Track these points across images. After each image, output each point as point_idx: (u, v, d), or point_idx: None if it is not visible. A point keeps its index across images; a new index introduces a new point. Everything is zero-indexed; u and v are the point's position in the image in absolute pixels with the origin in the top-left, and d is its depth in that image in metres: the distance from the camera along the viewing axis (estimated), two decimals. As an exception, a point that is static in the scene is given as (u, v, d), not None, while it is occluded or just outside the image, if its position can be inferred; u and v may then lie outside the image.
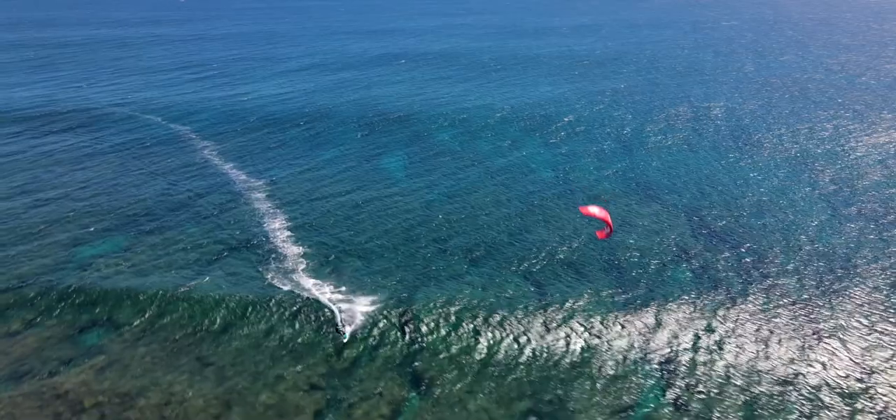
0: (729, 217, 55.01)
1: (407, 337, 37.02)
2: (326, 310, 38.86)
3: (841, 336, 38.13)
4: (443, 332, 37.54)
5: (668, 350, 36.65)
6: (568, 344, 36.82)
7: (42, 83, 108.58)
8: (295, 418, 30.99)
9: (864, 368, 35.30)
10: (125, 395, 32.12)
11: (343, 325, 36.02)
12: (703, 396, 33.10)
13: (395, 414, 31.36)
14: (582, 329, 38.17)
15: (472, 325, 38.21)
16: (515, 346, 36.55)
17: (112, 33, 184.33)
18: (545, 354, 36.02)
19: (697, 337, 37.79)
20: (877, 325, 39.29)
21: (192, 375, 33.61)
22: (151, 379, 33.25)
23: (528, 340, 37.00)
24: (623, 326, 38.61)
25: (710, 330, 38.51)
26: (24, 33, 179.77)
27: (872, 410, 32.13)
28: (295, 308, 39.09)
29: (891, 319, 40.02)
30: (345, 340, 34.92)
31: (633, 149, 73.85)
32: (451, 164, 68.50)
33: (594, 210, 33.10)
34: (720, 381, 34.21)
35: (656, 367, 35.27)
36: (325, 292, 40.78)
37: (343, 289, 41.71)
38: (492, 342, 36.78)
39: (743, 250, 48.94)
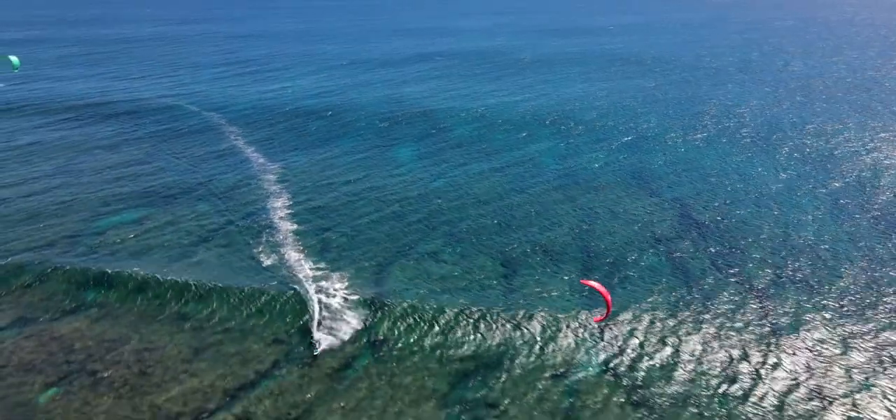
0: (721, 211, 55.04)
1: (373, 303, 39.37)
2: (303, 288, 41.67)
3: (800, 329, 38.23)
4: (408, 301, 39.65)
5: (622, 329, 37.69)
6: (525, 318, 38.29)
7: (97, 76, 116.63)
8: (255, 364, 33.91)
9: (814, 362, 35.50)
10: (111, 341, 35.78)
11: (318, 343, 35.73)
12: (643, 375, 34.10)
13: (345, 366, 33.82)
14: (541, 306, 39.56)
15: (437, 297, 40.28)
16: (474, 316, 38.24)
17: (170, 31, 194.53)
18: (501, 327, 37.59)
19: (653, 322, 38.63)
20: (834, 321, 39.19)
21: (172, 329, 37.05)
22: (136, 329, 36.85)
23: (488, 313, 38.66)
24: (583, 306, 39.82)
25: (671, 316, 39.27)
26: (86, 30, 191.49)
27: (815, 405, 32.46)
28: (275, 281, 42.14)
29: (850, 318, 39.87)
30: (316, 353, 35.18)
31: (645, 145, 74.04)
32: (461, 156, 70.46)
33: (595, 285, 33.15)
34: (667, 366, 35.09)
35: (603, 343, 36.40)
36: (306, 269, 43.58)
37: (322, 264, 44.47)
38: (453, 313, 38.61)
39: (725, 243, 49.13)
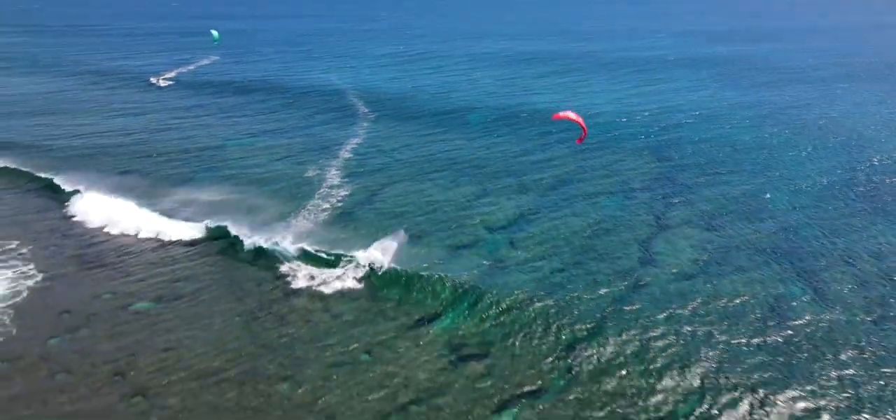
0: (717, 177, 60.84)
1: (356, 204, 54.61)
2: (320, 185, 58.14)
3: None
4: (390, 204, 54.64)
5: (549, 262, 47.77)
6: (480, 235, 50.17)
7: (271, 62, 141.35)
8: (267, 204, 52.27)
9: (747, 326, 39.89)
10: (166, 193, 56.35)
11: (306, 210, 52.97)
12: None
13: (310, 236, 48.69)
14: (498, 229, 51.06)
15: (412, 198, 55.78)
16: (438, 233, 50.24)
17: (357, 26, 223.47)
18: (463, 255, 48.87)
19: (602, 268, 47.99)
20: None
21: (237, 181, 57.77)
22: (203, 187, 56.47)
23: (452, 233, 49.84)
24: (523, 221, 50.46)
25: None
26: (281, 23, 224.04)
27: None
28: (309, 179, 59.88)
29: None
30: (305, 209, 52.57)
31: (695, 141, 78.21)
32: (517, 134, 79.28)
33: (569, 115, 35.22)
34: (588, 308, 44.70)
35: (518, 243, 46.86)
36: (332, 177, 60.59)
37: (346, 177, 60.99)
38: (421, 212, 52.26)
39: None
